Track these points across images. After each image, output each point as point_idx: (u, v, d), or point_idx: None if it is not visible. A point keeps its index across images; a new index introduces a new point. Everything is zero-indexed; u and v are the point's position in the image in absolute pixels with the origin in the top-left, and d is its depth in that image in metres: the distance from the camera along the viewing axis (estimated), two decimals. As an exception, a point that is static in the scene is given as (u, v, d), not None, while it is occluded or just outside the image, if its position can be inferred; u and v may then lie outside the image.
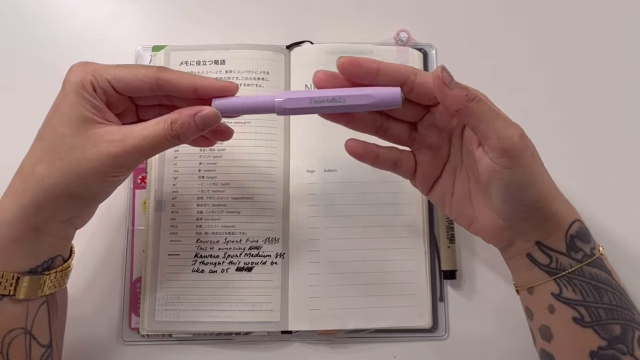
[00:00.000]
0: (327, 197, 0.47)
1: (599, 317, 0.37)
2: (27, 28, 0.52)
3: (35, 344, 0.37)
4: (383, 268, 0.46)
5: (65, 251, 0.39)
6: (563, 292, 0.38)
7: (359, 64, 0.36)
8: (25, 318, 0.36)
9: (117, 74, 0.36)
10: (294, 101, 0.37)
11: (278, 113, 0.37)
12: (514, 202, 0.37)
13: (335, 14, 0.53)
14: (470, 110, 0.34)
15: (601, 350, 0.37)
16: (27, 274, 0.36)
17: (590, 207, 0.47)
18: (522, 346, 0.44)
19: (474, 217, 0.40)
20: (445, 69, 0.34)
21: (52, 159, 0.35)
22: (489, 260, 0.47)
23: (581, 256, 0.38)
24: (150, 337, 0.45)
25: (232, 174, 0.47)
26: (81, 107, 0.35)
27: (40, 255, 0.37)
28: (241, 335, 0.45)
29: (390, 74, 0.37)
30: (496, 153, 0.35)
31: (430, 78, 0.35)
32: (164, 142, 0.36)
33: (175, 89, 0.37)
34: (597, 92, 0.51)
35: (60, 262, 0.38)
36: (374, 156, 0.40)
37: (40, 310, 0.37)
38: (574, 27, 0.53)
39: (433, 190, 0.41)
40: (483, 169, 0.36)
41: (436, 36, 0.51)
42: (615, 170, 0.50)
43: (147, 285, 0.45)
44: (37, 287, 0.36)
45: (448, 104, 0.35)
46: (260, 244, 0.46)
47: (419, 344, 0.46)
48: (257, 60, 0.48)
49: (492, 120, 0.34)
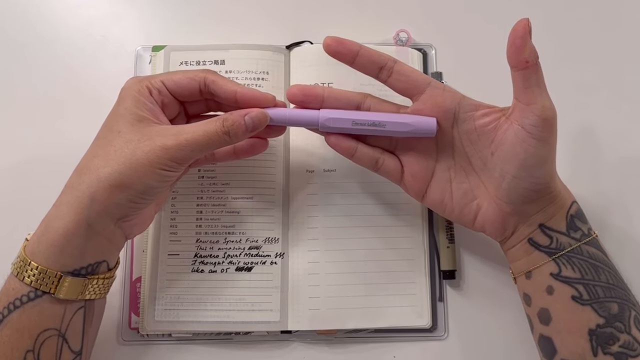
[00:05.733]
0: (327, 197, 0.47)
1: (597, 295, 0.38)
2: (27, 28, 0.52)
3: (66, 348, 0.37)
4: (382, 268, 0.46)
5: (111, 259, 0.39)
6: (562, 270, 0.38)
7: (342, 43, 0.40)
8: (61, 320, 0.37)
9: (169, 76, 0.40)
10: (338, 121, 0.40)
11: (321, 129, 0.41)
12: (526, 179, 0.38)
13: (335, 14, 0.53)
14: (538, 68, 0.36)
15: (599, 328, 0.37)
16: (70, 275, 0.36)
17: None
18: (522, 346, 0.44)
19: (478, 211, 0.41)
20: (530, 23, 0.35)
21: (108, 152, 0.37)
22: (488, 260, 0.47)
23: (580, 235, 0.39)
24: (150, 337, 0.45)
25: (232, 174, 0.47)
26: (137, 108, 0.38)
27: (86, 256, 0.37)
28: (241, 335, 0.45)
29: (370, 57, 0.40)
30: (535, 120, 0.36)
31: (513, 29, 0.36)
32: (215, 138, 0.37)
33: (219, 90, 0.39)
34: (597, 93, 0.51)
35: (104, 269, 0.39)
36: (351, 151, 0.41)
37: (77, 315, 0.38)
38: (574, 27, 0.53)
39: (429, 194, 0.42)
40: (508, 138, 0.37)
41: (436, 36, 0.51)
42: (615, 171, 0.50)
43: (147, 285, 0.45)
44: (78, 290, 0.37)
45: (525, 52, 0.35)
46: (260, 244, 0.46)
47: (418, 344, 0.46)
48: (257, 61, 0.48)
49: (544, 88, 0.36)
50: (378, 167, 0.42)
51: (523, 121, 0.36)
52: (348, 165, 0.46)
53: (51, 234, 0.36)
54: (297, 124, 0.41)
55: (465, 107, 0.40)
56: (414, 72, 0.40)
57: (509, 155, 0.37)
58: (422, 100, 0.40)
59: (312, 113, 0.40)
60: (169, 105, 0.40)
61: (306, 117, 0.40)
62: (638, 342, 0.37)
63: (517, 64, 0.36)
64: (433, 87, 0.40)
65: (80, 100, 0.50)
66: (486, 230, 0.41)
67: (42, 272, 0.35)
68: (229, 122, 0.37)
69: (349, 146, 0.41)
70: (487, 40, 0.52)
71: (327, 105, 0.41)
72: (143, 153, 0.36)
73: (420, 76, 0.40)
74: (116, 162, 0.36)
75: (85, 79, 0.50)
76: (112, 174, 0.36)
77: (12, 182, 0.48)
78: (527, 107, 0.36)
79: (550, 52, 0.37)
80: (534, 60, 0.35)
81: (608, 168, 0.49)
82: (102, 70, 0.51)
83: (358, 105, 0.41)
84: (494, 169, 0.39)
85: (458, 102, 0.40)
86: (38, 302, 0.36)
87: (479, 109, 0.40)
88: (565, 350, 0.38)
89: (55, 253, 0.36)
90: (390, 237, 0.46)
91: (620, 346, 0.37)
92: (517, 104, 0.37)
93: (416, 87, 0.40)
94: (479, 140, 0.40)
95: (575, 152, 0.49)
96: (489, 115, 0.39)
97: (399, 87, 0.40)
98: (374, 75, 0.40)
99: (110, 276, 0.39)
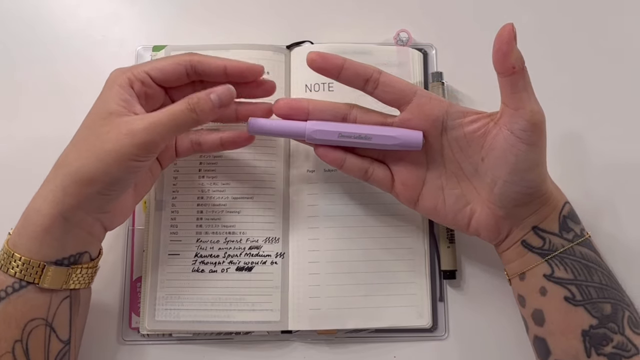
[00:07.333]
0: (327, 197, 0.47)
1: (589, 296, 0.37)
2: (27, 29, 0.52)
3: (54, 337, 0.38)
4: (383, 268, 0.46)
5: (93, 249, 0.40)
6: (555, 272, 0.38)
7: (325, 59, 0.40)
8: (47, 309, 0.37)
9: (154, 65, 0.40)
10: (324, 133, 0.41)
11: (307, 140, 0.41)
12: (518, 183, 0.38)
13: (336, 14, 0.53)
14: (525, 73, 0.36)
15: (592, 329, 0.37)
16: (53, 265, 0.37)
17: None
18: (522, 346, 0.44)
19: (471, 215, 0.41)
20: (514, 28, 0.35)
21: (80, 146, 0.37)
22: (488, 260, 0.47)
23: (572, 236, 0.39)
24: (150, 337, 0.45)
25: (233, 173, 0.47)
26: (111, 100, 0.38)
27: (67, 247, 0.37)
28: (241, 334, 0.45)
29: (355, 70, 0.40)
30: (524, 125, 0.36)
31: (497, 35, 0.36)
32: (181, 117, 0.37)
33: (208, 69, 0.40)
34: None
35: (87, 259, 0.39)
36: (339, 161, 0.42)
37: (63, 304, 0.38)
38: (575, 27, 0.53)
39: (421, 202, 0.42)
40: (498, 144, 0.37)
41: (436, 36, 0.51)
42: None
43: (148, 285, 0.45)
44: (62, 279, 0.37)
45: (512, 58, 0.35)
46: (261, 244, 0.46)
47: (418, 344, 0.46)
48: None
49: (531, 93, 0.36)
50: (368, 176, 0.42)
51: (512, 126, 0.36)
52: (348, 165, 0.46)
53: (30, 227, 0.36)
54: (285, 135, 0.42)
55: (453, 114, 0.40)
56: (399, 82, 0.40)
57: (500, 160, 0.37)
58: (409, 109, 0.40)
59: (299, 125, 0.41)
60: (152, 96, 0.40)
61: (293, 128, 0.41)
62: (632, 343, 0.37)
63: (504, 70, 0.36)
64: (420, 96, 0.40)
65: (81, 101, 0.49)
66: (481, 234, 0.41)
67: (26, 263, 0.36)
68: (194, 99, 0.37)
69: (337, 157, 0.42)
70: (488, 40, 0.51)
71: (312, 117, 0.41)
72: (111, 144, 0.36)
73: (406, 86, 0.40)
74: (86, 156, 0.36)
75: (86, 79, 0.50)
76: (81, 168, 0.36)
77: (11, 184, 0.48)
78: (516, 112, 0.36)
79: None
80: (521, 66, 0.35)
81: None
82: (103, 70, 0.51)
83: (344, 116, 0.41)
84: (485, 174, 0.39)
85: (445, 110, 0.40)
86: (23, 293, 0.36)
87: (467, 115, 0.40)
88: (559, 352, 0.38)
89: (36, 245, 0.36)
90: (390, 237, 0.46)
91: (614, 347, 0.37)
92: (505, 109, 0.37)
93: (403, 97, 0.40)
94: (469, 146, 0.40)
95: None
96: (478, 122, 0.39)
97: (386, 98, 0.40)
98: (360, 88, 0.40)
99: (93, 266, 0.40)
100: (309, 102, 0.41)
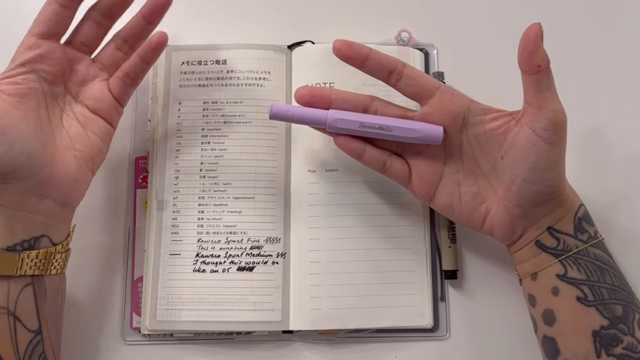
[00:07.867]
0: (328, 197, 0.47)
1: (601, 297, 0.38)
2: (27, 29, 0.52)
3: (20, 327, 0.37)
4: (384, 268, 0.46)
5: (53, 233, 0.39)
6: (568, 272, 0.38)
7: (352, 47, 0.40)
8: (6, 298, 0.37)
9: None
10: (346, 122, 0.40)
11: (328, 129, 0.41)
12: (537, 182, 0.38)
13: (337, 13, 0.53)
14: (549, 73, 0.36)
15: (603, 329, 0.37)
16: (5, 251, 0.36)
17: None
18: (524, 346, 0.44)
19: (486, 214, 0.41)
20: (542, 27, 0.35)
21: None
22: (490, 260, 0.47)
23: (586, 237, 0.39)
24: (151, 337, 0.45)
25: (234, 173, 0.47)
26: None
27: (16, 232, 0.37)
28: (242, 334, 0.45)
29: (380, 61, 0.40)
30: (546, 124, 0.36)
31: (524, 33, 0.35)
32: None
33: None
34: (601, 93, 0.51)
35: (46, 243, 0.38)
36: (358, 152, 0.41)
37: (24, 292, 0.37)
38: (575, 27, 0.53)
39: (437, 198, 0.42)
40: (518, 142, 0.37)
41: (437, 36, 0.51)
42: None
43: (149, 285, 0.45)
44: (14, 265, 0.37)
45: (538, 57, 0.35)
46: (262, 244, 0.46)
47: (420, 343, 0.46)
48: (259, 60, 0.48)
49: (554, 92, 0.36)
50: (386, 169, 0.42)
51: (534, 125, 0.37)
52: (349, 165, 0.46)
53: None
54: (305, 122, 0.41)
55: (475, 111, 0.40)
56: (423, 76, 0.40)
57: (520, 158, 0.37)
58: (431, 104, 0.40)
59: (321, 113, 0.41)
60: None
61: (315, 116, 0.41)
62: None
63: (529, 68, 0.36)
64: (442, 92, 0.40)
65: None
66: (494, 233, 0.41)
67: None
68: None
69: (357, 147, 0.41)
70: (489, 40, 0.52)
71: (334, 106, 0.41)
72: None
73: (429, 80, 0.40)
74: None
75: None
76: None
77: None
78: (539, 111, 0.36)
79: (555, 52, 0.37)
80: (546, 65, 0.35)
81: (614, 168, 0.49)
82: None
83: (365, 107, 0.41)
84: (503, 172, 0.39)
85: (467, 106, 0.40)
86: None
87: (488, 113, 0.40)
88: (568, 351, 0.38)
89: None
90: (391, 237, 0.46)
91: (624, 348, 0.37)
92: (527, 108, 0.37)
93: (425, 91, 0.40)
94: (489, 143, 0.40)
95: (581, 152, 0.49)
96: (499, 119, 0.39)
97: (409, 91, 0.40)
98: (383, 79, 0.40)
99: (54, 251, 0.38)
100: (332, 91, 0.41)
